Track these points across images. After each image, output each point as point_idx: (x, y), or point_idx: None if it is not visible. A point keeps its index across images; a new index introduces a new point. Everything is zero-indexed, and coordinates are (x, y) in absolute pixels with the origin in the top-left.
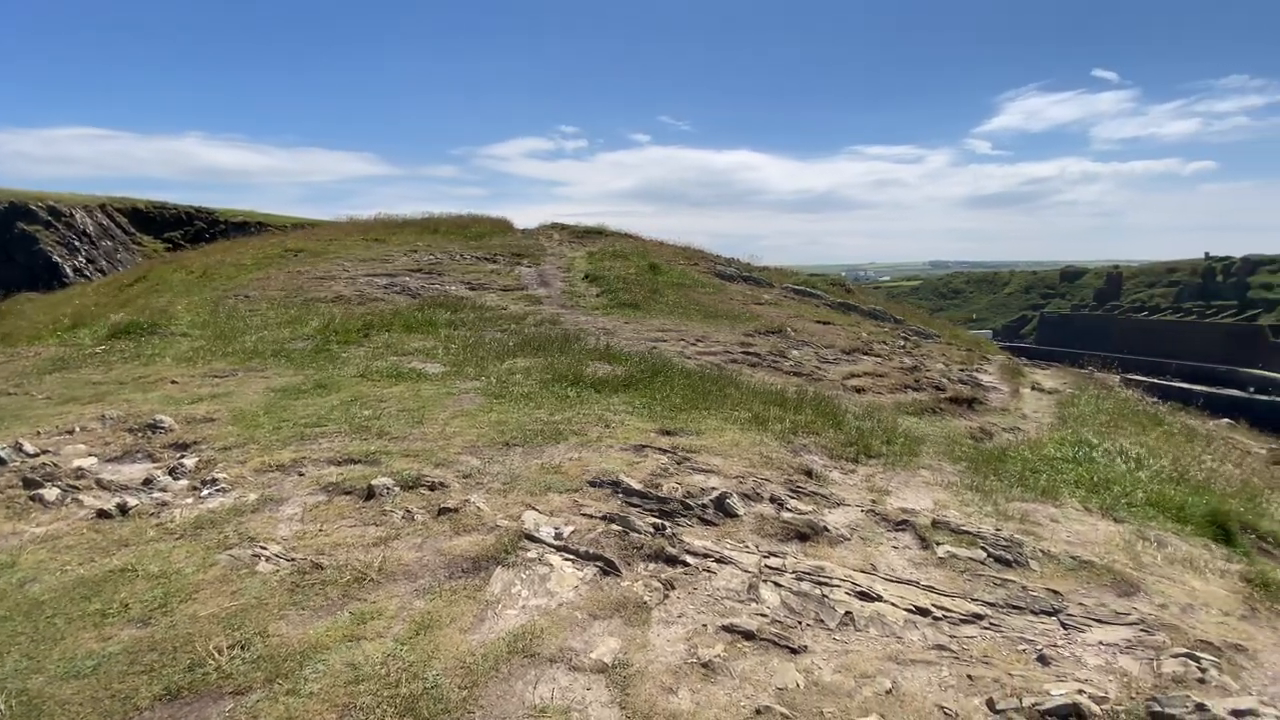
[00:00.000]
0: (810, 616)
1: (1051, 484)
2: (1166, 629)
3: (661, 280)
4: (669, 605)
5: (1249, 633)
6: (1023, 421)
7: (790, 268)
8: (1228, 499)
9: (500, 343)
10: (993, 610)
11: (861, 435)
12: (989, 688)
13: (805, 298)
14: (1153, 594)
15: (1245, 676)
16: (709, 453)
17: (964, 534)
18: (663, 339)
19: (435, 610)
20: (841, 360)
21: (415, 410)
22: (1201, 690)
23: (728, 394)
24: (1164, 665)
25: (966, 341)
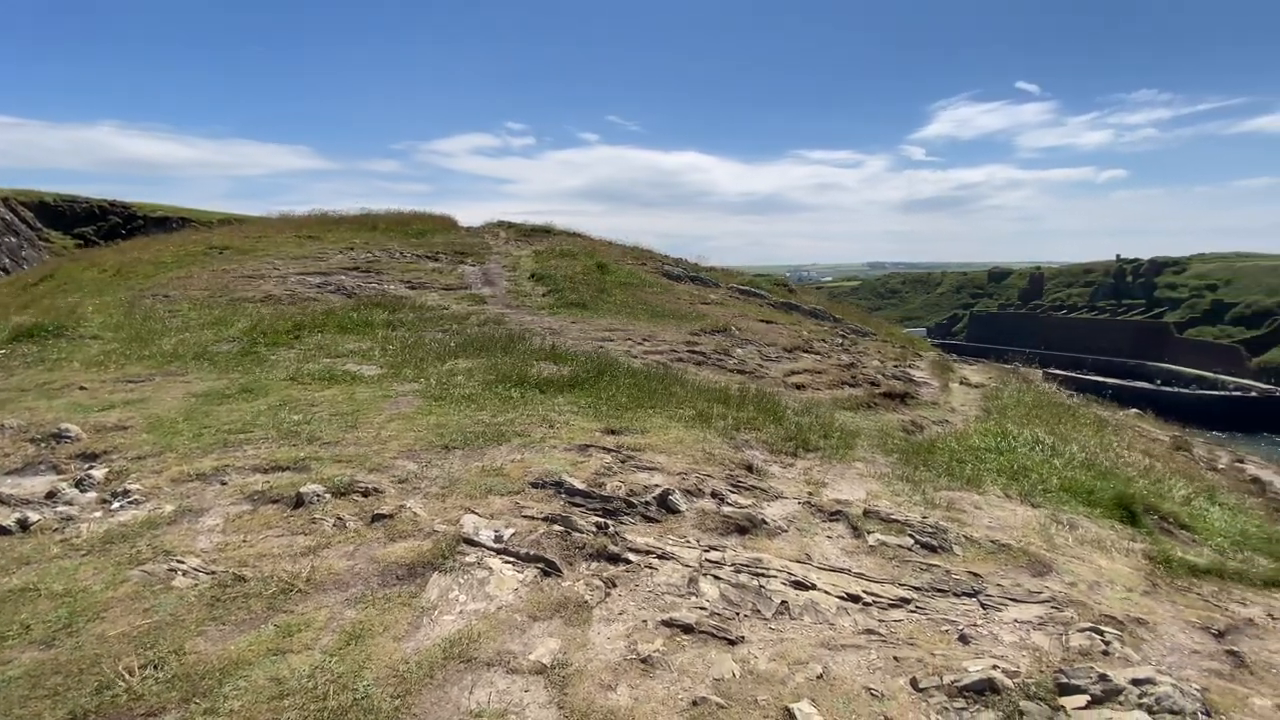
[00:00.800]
0: (748, 607)
1: (976, 473)
2: (1075, 605)
3: (609, 280)
4: (610, 603)
5: (1150, 607)
6: (951, 414)
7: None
8: (1133, 483)
9: (441, 343)
10: (919, 594)
11: (800, 430)
12: (913, 668)
13: (750, 297)
14: (1064, 573)
15: (1145, 648)
16: (654, 451)
17: (893, 522)
18: (610, 338)
19: (367, 619)
20: (783, 358)
21: (349, 414)
22: (1105, 662)
23: (673, 392)
24: (1072, 639)
25: (901, 339)
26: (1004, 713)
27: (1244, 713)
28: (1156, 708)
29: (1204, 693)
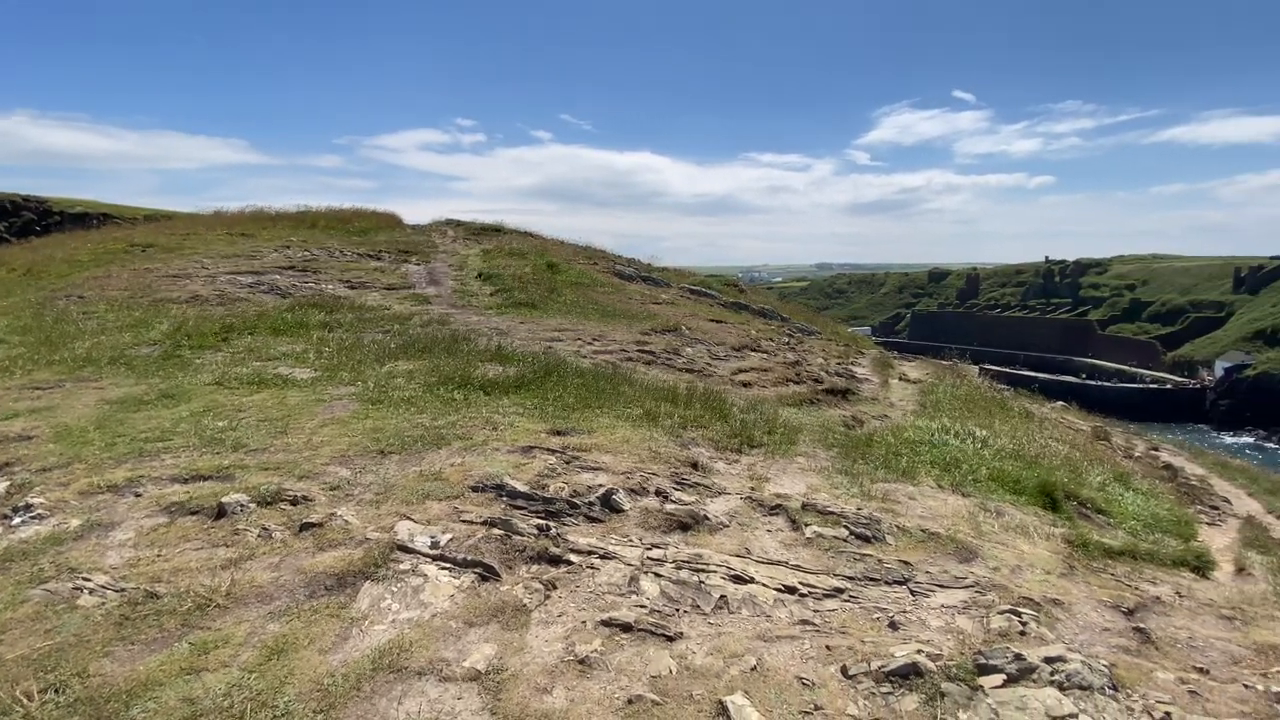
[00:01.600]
0: (688, 603)
1: (911, 465)
2: (997, 589)
3: (560, 279)
4: (550, 605)
5: (1066, 588)
6: (890, 409)
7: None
8: (1055, 472)
9: (381, 345)
10: (852, 584)
11: (746, 427)
12: (844, 656)
13: (701, 297)
14: (988, 559)
15: (1060, 627)
16: (600, 451)
17: (830, 515)
18: (559, 338)
19: (291, 633)
20: (731, 357)
21: (279, 420)
22: (1022, 642)
23: (621, 392)
24: (992, 621)
25: (845, 338)
26: (926, 695)
27: (1148, 686)
28: (1067, 684)
29: (1112, 668)
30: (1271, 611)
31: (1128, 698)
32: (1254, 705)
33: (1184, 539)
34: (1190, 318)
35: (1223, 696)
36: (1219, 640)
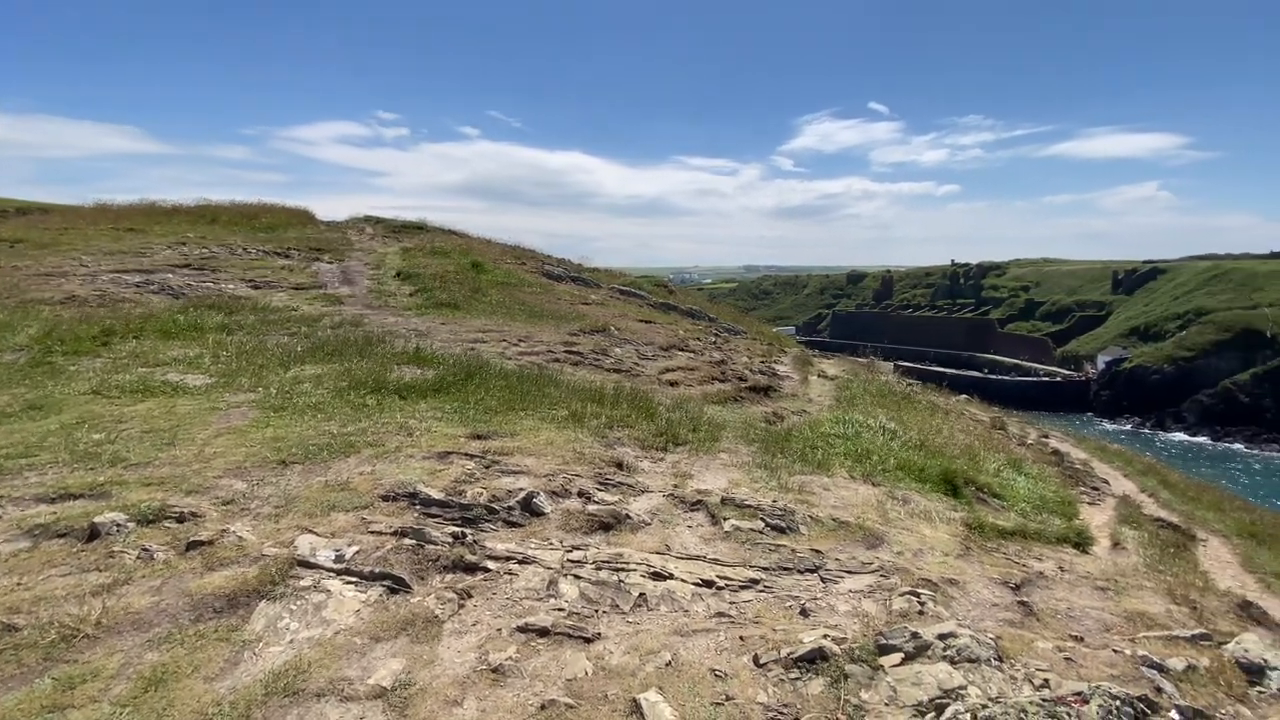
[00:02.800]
0: (607, 603)
1: (826, 457)
2: (900, 572)
3: (485, 279)
4: (464, 615)
5: (962, 568)
6: (809, 405)
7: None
8: (956, 460)
9: (286, 348)
10: (767, 574)
11: (671, 425)
12: (756, 645)
13: (631, 298)
14: (893, 544)
15: (954, 605)
16: (522, 454)
17: (748, 508)
18: (483, 339)
19: (173, 661)
20: (659, 356)
21: (166, 431)
22: (919, 621)
23: (547, 393)
24: (894, 603)
25: (770, 337)
26: (831, 678)
27: (1029, 655)
28: (957, 658)
29: (998, 640)
30: (1141, 582)
31: (1010, 667)
32: (1122, 668)
33: (1067, 518)
34: (1076, 316)
35: (1095, 661)
36: (1094, 610)
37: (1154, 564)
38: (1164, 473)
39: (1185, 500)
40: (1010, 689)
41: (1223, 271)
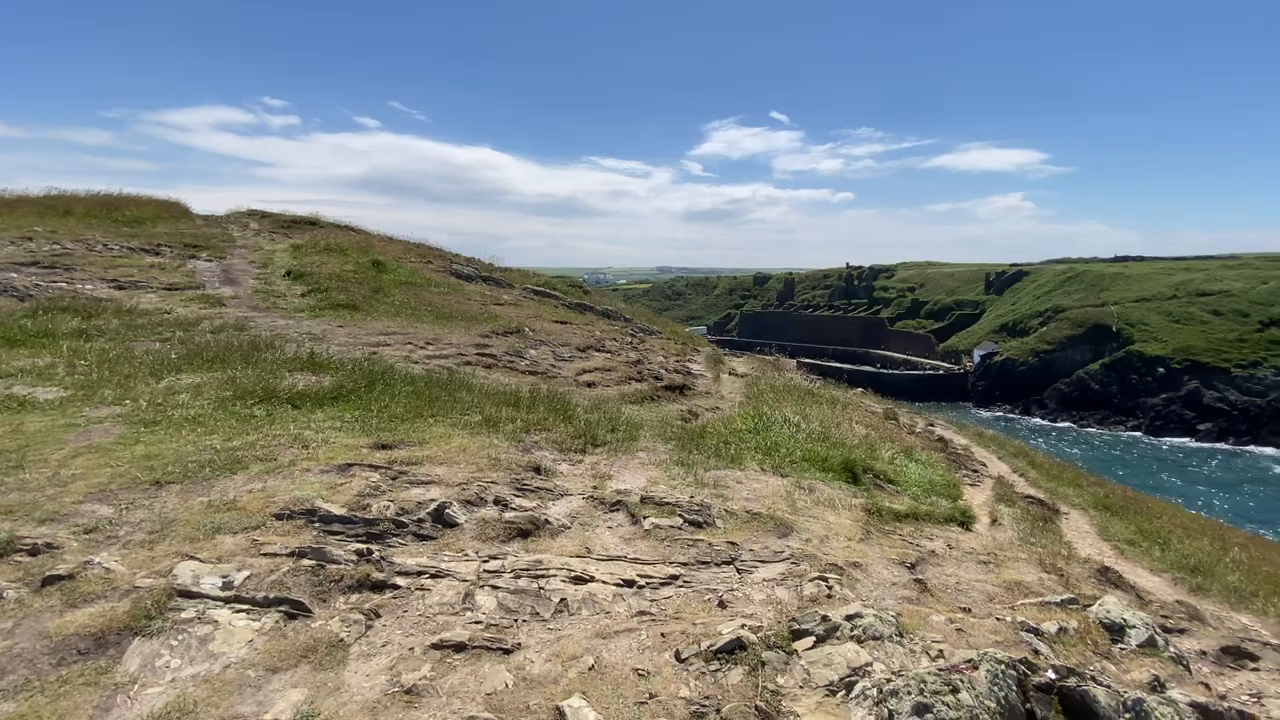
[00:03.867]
0: (527, 612)
1: (738, 452)
2: (809, 559)
3: (388, 278)
4: (372, 636)
5: (864, 551)
6: (721, 402)
7: (533, 269)
8: (855, 450)
9: (158, 356)
10: (686, 569)
11: (590, 427)
12: (677, 641)
13: (545, 298)
14: (802, 532)
15: (858, 587)
16: (432, 462)
17: (666, 505)
18: (386, 343)
19: (32, 711)
20: (576, 357)
21: (12, 451)
22: (828, 604)
23: (458, 398)
24: (805, 589)
25: (683, 337)
26: (749, 666)
27: (926, 629)
28: (864, 637)
29: (898, 617)
30: (1016, 554)
31: (910, 641)
32: (1005, 635)
33: (953, 499)
34: (955, 315)
35: (981, 630)
36: (978, 583)
37: (1026, 537)
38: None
39: (1049, 478)
40: (911, 662)
41: (1076, 273)
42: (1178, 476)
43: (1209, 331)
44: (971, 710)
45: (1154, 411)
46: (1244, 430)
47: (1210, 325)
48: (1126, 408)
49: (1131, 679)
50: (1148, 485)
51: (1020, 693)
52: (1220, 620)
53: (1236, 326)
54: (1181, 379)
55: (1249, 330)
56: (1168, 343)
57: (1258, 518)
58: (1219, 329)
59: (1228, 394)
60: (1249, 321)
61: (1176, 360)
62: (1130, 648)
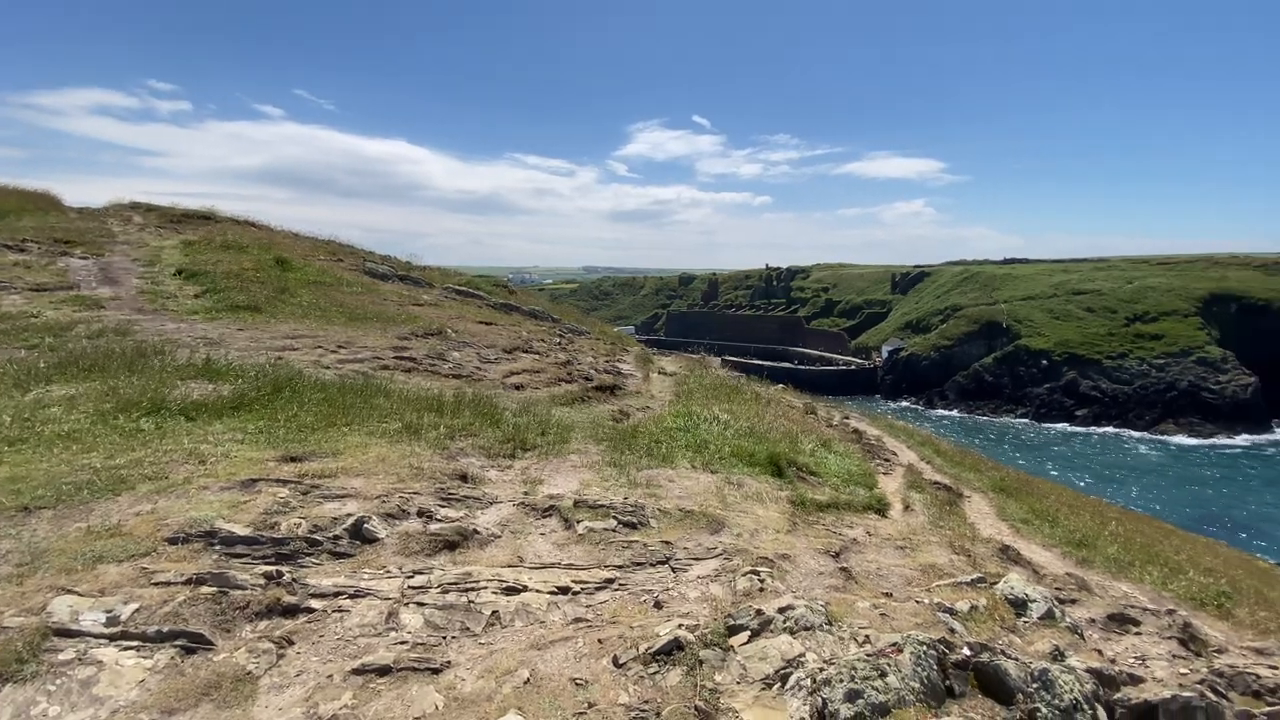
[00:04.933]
0: (456, 628)
1: (670, 451)
2: (741, 553)
3: (294, 278)
4: (285, 666)
5: (792, 543)
6: (652, 401)
7: (455, 268)
8: (779, 444)
9: (24, 365)
10: (621, 572)
11: (519, 430)
12: (615, 646)
13: (468, 299)
14: (733, 527)
15: (789, 578)
16: (348, 474)
17: (600, 508)
18: (293, 347)
19: None
20: (502, 359)
21: None
22: (761, 598)
23: (375, 404)
24: (738, 584)
25: (612, 337)
26: (687, 666)
27: (853, 616)
28: (796, 628)
29: (827, 606)
30: (928, 538)
31: (839, 629)
32: (924, 616)
33: (869, 488)
34: (865, 313)
35: (903, 613)
36: (897, 567)
37: (936, 521)
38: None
39: (953, 465)
40: (841, 650)
41: (971, 274)
42: (1060, 458)
43: (1084, 327)
44: (898, 692)
45: (1039, 400)
46: (1114, 415)
47: (1085, 321)
48: (1016, 397)
49: (1035, 650)
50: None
51: (940, 671)
52: (1104, 589)
53: (1106, 322)
54: (1061, 370)
55: (1117, 326)
56: (1049, 337)
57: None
58: (1092, 325)
59: (1100, 383)
60: (1116, 318)
61: (1057, 353)
62: (1032, 620)
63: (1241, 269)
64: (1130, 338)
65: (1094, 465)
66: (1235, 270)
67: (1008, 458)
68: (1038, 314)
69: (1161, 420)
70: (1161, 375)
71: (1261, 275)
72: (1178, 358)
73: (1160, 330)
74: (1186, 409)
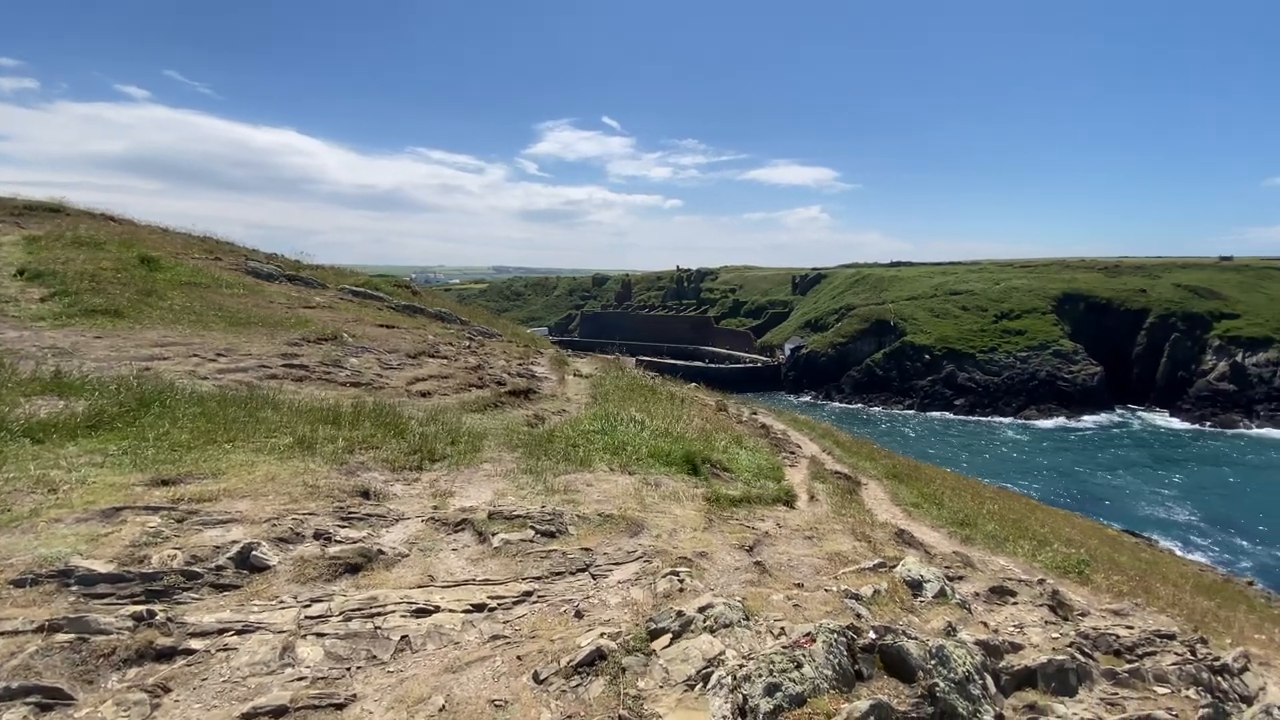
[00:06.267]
0: (362, 657)
1: (587, 454)
2: (661, 554)
3: (162, 278)
4: (161, 717)
5: (709, 540)
6: (568, 404)
7: (353, 268)
8: (694, 442)
9: None
10: (540, 583)
11: (426, 440)
12: (535, 661)
13: (367, 300)
14: (652, 528)
15: (707, 576)
16: (231, 497)
17: (516, 518)
18: (163, 356)
19: None
20: (406, 365)
21: None
22: (681, 599)
23: (262, 418)
24: (659, 585)
25: (525, 339)
26: (610, 675)
27: (768, 609)
28: (716, 626)
29: (744, 601)
30: (833, 526)
31: (756, 624)
32: (833, 604)
33: (778, 481)
34: (769, 313)
35: (814, 603)
36: (806, 557)
37: (839, 510)
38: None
39: (851, 455)
40: (758, 644)
41: (862, 276)
42: (943, 444)
43: (960, 324)
44: (813, 681)
45: (923, 391)
46: (987, 404)
47: (960, 319)
48: (903, 389)
49: (931, 628)
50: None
51: (850, 656)
52: (985, 564)
53: (979, 320)
54: (942, 364)
55: (987, 323)
56: (931, 334)
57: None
58: (967, 322)
59: (974, 375)
60: (987, 315)
61: (938, 349)
62: (927, 599)
63: (1088, 272)
64: (999, 333)
65: (971, 449)
66: (1083, 273)
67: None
68: (921, 313)
69: (1026, 406)
70: (1024, 366)
71: (1104, 277)
72: (1037, 351)
73: (1023, 326)
74: (1046, 396)
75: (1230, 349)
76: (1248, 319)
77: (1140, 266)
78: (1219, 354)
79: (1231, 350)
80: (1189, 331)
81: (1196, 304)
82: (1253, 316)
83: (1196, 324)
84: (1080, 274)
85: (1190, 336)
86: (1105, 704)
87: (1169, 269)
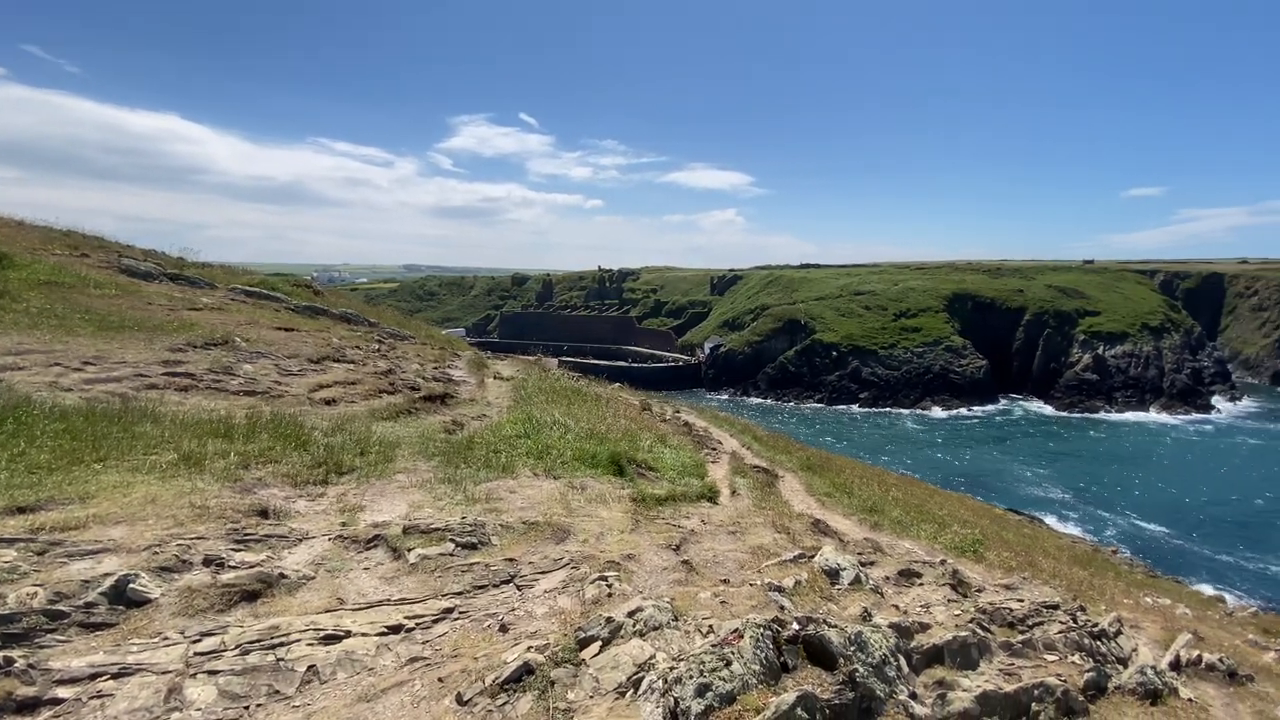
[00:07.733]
0: (263, 693)
1: (509, 460)
2: (588, 560)
3: (17, 277)
4: None
5: (636, 542)
6: (488, 408)
7: (245, 265)
8: (619, 443)
9: None
10: (461, 599)
11: (332, 452)
12: (458, 682)
13: (263, 301)
14: (579, 533)
15: (635, 579)
16: (103, 523)
17: (434, 532)
18: (18, 365)
19: None
20: (309, 370)
21: None
22: (610, 604)
23: (140, 433)
24: (587, 592)
25: (441, 340)
26: (539, 690)
27: (696, 608)
28: (645, 629)
29: (672, 602)
30: (755, 520)
31: (685, 624)
32: (758, 598)
33: (701, 478)
34: (689, 313)
35: (740, 598)
36: (731, 552)
37: (759, 503)
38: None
39: (768, 449)
40: (688, 644)
41: (775, 278)
42: (850, 435)
43: (863, 322)
44: (742, 678)
45: (831, 386)
46: (888, 396)
47: (864, 318)
48: (814, 384)
49: (849, 614)
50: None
51: (775, 649)
52: (893, 548)
53: (880, 318)
54: (848, 360)
55: (887, 321)
56: (838, 332)
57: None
58: (869, 320)
59: (877, 370)
60: (887, 314)
61: (844, 346)
62: (844, 587)
63: (974, 273)
64: (898, 331)
65: (875, 439)
66: (970, 274)
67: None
68: (828, 312)
69: (922, 398)
70: (920, 361)
71: (988, 279)
72: (931, 346)
73: (919, 324)
74: (940, 388)
75: (1093, 343)
76: (1107, 316)
77: (1018, 269)
78: (1084, 347)
79: (1094, 344)
80: (1059, 328)
81: (1065, 303)
82: (1111, 314)
83: (1065, 321)
84: (968, 275)
85: (1060, 332)
86: (1004, 674)
87: (1042, 271)
